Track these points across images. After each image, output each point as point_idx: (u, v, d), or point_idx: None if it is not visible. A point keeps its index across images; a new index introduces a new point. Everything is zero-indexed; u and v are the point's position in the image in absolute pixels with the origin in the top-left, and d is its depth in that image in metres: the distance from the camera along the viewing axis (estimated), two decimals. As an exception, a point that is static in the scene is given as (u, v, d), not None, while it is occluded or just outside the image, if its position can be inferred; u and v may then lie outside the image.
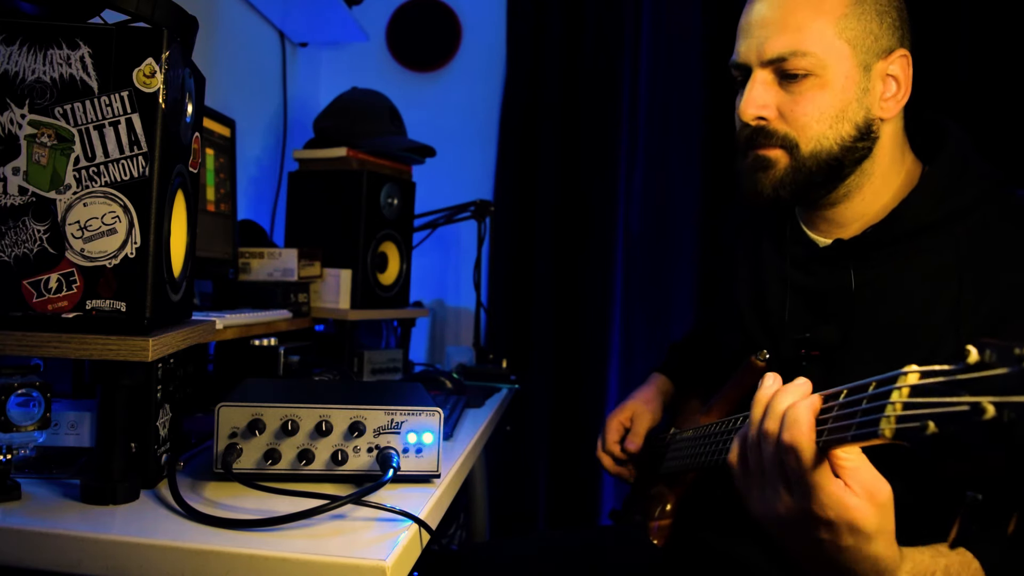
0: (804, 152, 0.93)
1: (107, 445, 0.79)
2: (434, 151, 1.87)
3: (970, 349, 0.47)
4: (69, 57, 0.75)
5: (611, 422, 1.29)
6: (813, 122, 0.92)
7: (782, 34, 0.91)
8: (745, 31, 0.96)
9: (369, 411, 0.88)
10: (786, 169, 0.94)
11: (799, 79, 0.92)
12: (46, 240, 0.75)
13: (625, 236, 2.26)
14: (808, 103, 0.92)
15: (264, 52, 2.19)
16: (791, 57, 0.91)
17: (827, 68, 0.91)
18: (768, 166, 0.95)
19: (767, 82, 0.94)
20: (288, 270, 1.55)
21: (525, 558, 1.23)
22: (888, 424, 0.55)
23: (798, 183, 0.94)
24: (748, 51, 0.95)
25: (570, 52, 2.29)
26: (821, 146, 0.92)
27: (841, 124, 0.92)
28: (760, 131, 0.95)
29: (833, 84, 0.91)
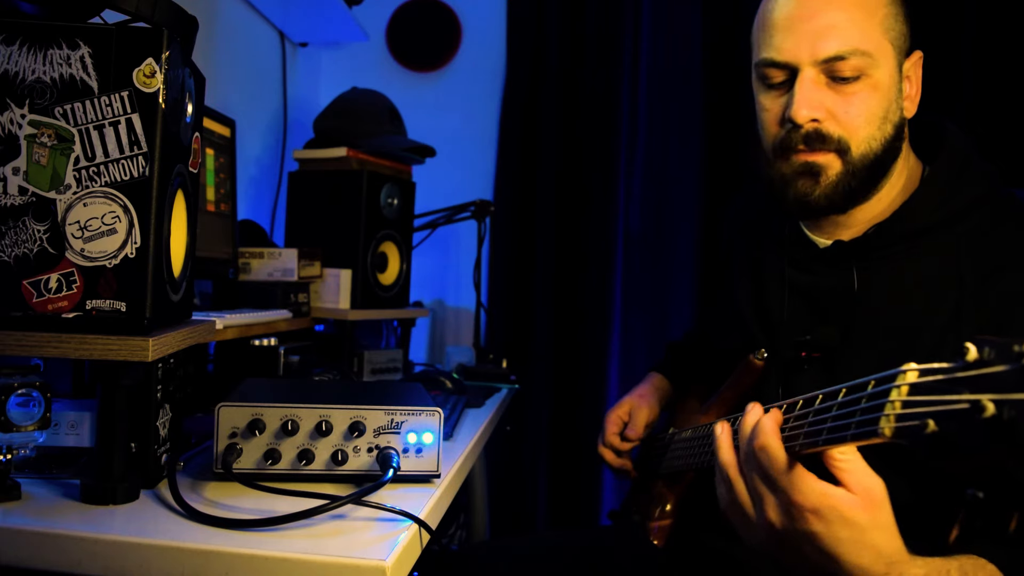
0: (855, 155, 0.90)
1: (107, 445, 0.79)
2: (434, 151, 1.87)
3: (969, 346, 0.46)
4: (69, 57, 0.75)
5: (610, 417, 1.29)
6: (865, 124, 0.89)
7: (839, 31, 0.87)
8: (784, 26, 0.91)
9: (369, 411, 0.88)
10: (839, 175, 0.91)
11: (851, 80, 0.88)
12: (46, 240, 0.75)
13: (625, 236, 2.26)
14: (860, 104, 0.89)
15: (264, 52, 2.19)
16: (851, 56, 0.87)
17: (878, 68, 0.89)
18: (818, 172, 0.91)
19: (818, 82, 0.90)
20: (288, 270, 1.55)
21: (525, 558, 1.23)
22: (888, 423, 0.54)
23: (851, 188, 0.91)
24: (797, 49, 0.89)
25: (570, 52, 2.29)
26: (871, 148, 0.90)
27: (886, 125, 0.90)
28: (813, 134, 0.90)
29: (882, 85, 0.89)
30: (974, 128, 1.88)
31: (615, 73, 2.25)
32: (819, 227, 1.01)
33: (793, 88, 0.91)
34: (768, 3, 0.95)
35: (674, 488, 1.14)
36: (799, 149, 0.91)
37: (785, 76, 0.93)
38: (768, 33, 0.93)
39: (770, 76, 0.94)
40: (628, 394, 1.33)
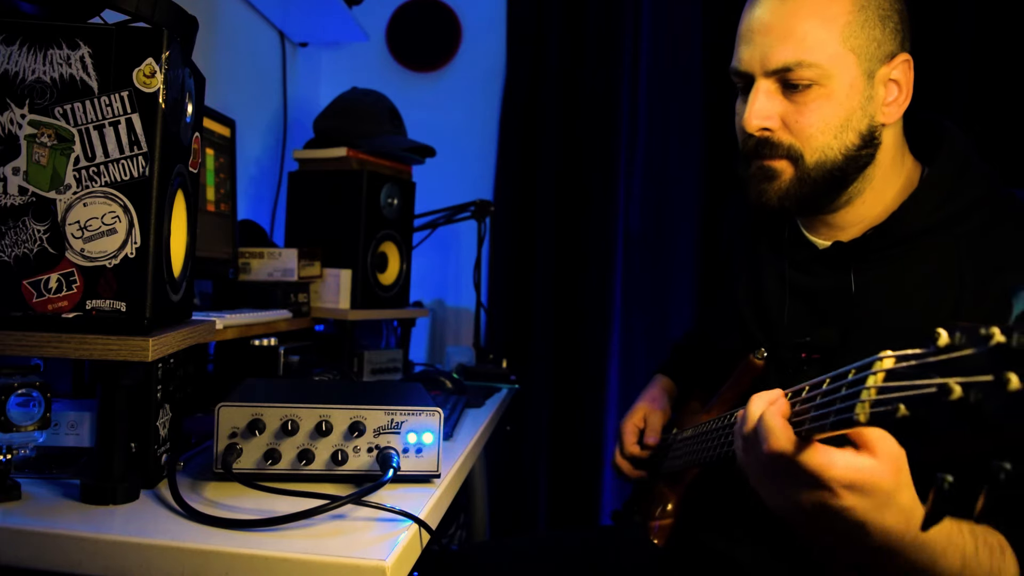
0: (809, 163, 0.92)
1: (107, 445, 0.79)
2: (434, 151, 1.87)
3: (940, 332, 0.47)
4: (69, 57, 0.75)
5: (626, 427, 1.28)
6: (818, 133, 0.91)
7: (786, 43, 0.89)
8: (747, 38, 0.94)
9: (369, 411, 0.88)
10: (791, 180, 0.93)
11: (803, 89, 0.90)
12: (46, 240, 0.75)
13: (625, 236, 2.26)
14: (813, 113, 0.90)
15: (264, 52, 2.19)
16: (796, 68, 0.89)
17: (832, 78, 0.89)
18: (773, 176, 0.94)
19: (770, 91, 0.92)
20: (288, 270, 1.55)
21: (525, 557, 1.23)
22: (863, 409, 0.56)
23: (803, 194, 0.93)
24: (751, 59, 0.93)
25: (570, 52, 2.29)
26: (826, 156, 0.91)
27: (845, 133, 0.91)
28: (764, 142, 0.93)
29: (838, 94, 0.90)
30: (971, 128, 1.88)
31: (615, 73, 2.25)
32: (816, 228, 1.01)
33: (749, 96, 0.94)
34: (743, 10, 0.97)
35: (675, 488, 1.14)
36: (756, 155, 0.95)
37: (746, 84, 0.95)
38: (736, 42, 0.96)
39: (736, 83, 0.98)
40: (640, 399, 1.32)
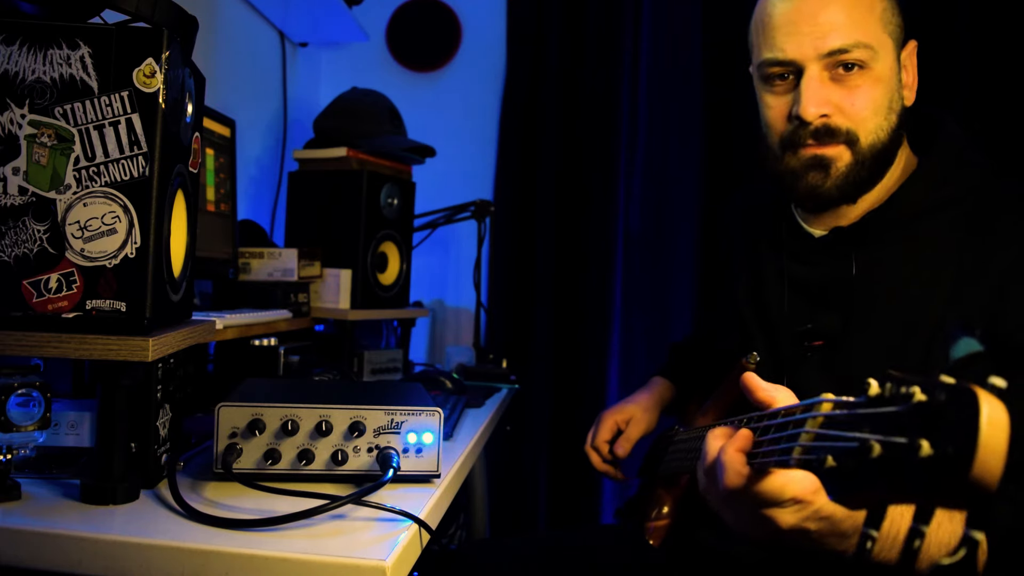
0: (864, 146, 0.93)
1: (107, 445, 0.79)
2: (434, 151, 1.87)
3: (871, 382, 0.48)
4: (69, 57, 0.75)
5: (606, 420, 1.29)
6: (871, 115, 0.92)
7: (841, 27, 0.90)
8: (788, 28, 0.93)
9: (369, 411, 0.88)
10: (848, 165, 0.93)
11: (854, 73, 0.91)
12: (46, 240, 0.75)
13: (625, 236, 2.26)
14: (865, 96, 0.92)
15: (264, 52, 2.19)
16: (854, 49, 0.90)
17: (879, 60, 0.92)
18: (827, 164, 0.93)
19: (823, 79, 0.92)
20: (288, 270, 1.55)
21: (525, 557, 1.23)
22: (797, 453, 0.57)
23: (861, 178, 0.94)
24: (801, 47, 0.92)
25: (570, 52, 2.29)
26: (878, 138, 0.93)
27: (891, 115, 0.94)
28: (823, 129, 0.92)
29: (883, 76, 0.92)
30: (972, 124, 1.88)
31: (615, 73, 2.25)
32: (819, 217, 1.02)
33: (799, 86, 0.93)
34: (765, 5, 0.97)
35: (672, 490, 1.14)
36: (808, 144, 0.94)
37: (789, 75, 0.95)
38: (769, 35, 0.95)
39: (774, 75, 0.96)
40: (631, 400, 1.32)
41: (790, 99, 0.95)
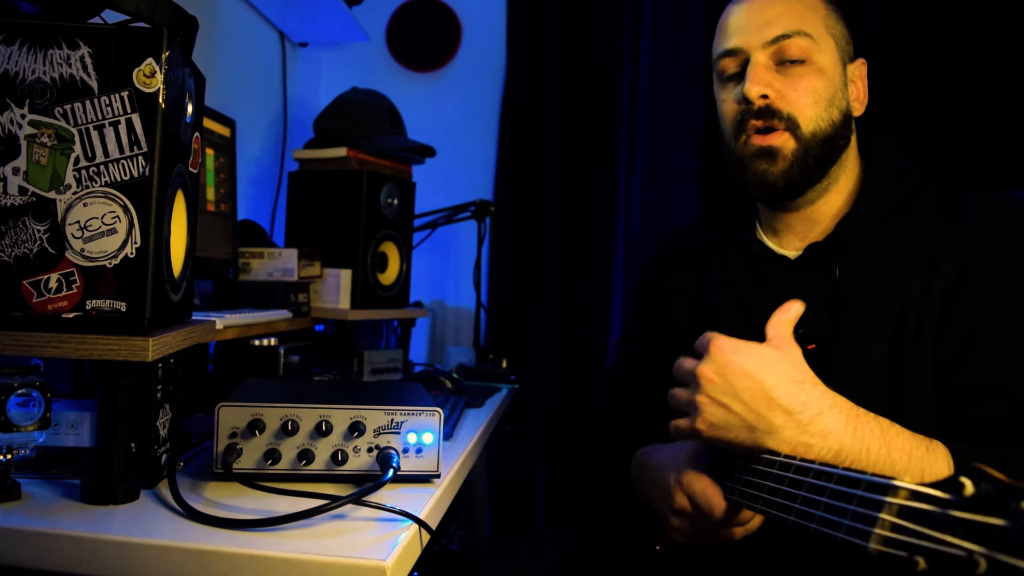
0: (806, 132, 0.97)
1: (107, 445, 0.79)
2: (434, 151, 1.87)
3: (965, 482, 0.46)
4: (69, 57, 0.75)
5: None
6: (811, 103, 0.97)
7: (783, 16, 0.98)
8: (736, 23, 1.01)
9: (369, 411, 0.88)
10: (793, 152, 0.97)
11: (797, 66, 0.97)
12: (46, 240, 0.75)
13: (625, 236, 2.26)
14: (806, 85, 0.97)
15: (264, 52, 2.19)
16: (794, 35, 0.97)
17: (821, 54, 0.98)
18: (774, 153, 0.98)
19: (768, 67, 0.98)
20: (288, 270, 1.55)
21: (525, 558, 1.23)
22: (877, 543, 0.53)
23: (805, 166, 0.98)
24: (747, 36, 0.99)
25: (570, 52, 2.29)
26: (819, 127, 0.97)
27: (832, 109, 0.98)
28: (764, 110, 0.97)
29: (825, 71, 0.98)
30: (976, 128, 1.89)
31: (615, 73, 2.25)
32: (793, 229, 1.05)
33: (745, 74, 0.99)
34: (724, 14, 1.05)
35: None
36: (753, 128, 0.98)
37: (739, 66, 1.01)
38: (723, 35, 1.03)
39: (726, 68, 1.03)
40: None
41: (740, 87, 1.00)
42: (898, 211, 0.98)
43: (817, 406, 0.76)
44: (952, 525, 0.46)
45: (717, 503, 0.82)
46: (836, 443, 0.75)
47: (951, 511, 0.47)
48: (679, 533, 0.90)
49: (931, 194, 0.98)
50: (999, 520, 0.43)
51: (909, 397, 0.90)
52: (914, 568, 0.48)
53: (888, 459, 0.77)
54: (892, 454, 0.77)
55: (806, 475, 0.67)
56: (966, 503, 0.46)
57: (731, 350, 0.78)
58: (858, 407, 0.79)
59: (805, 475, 0.67)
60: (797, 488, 0.68)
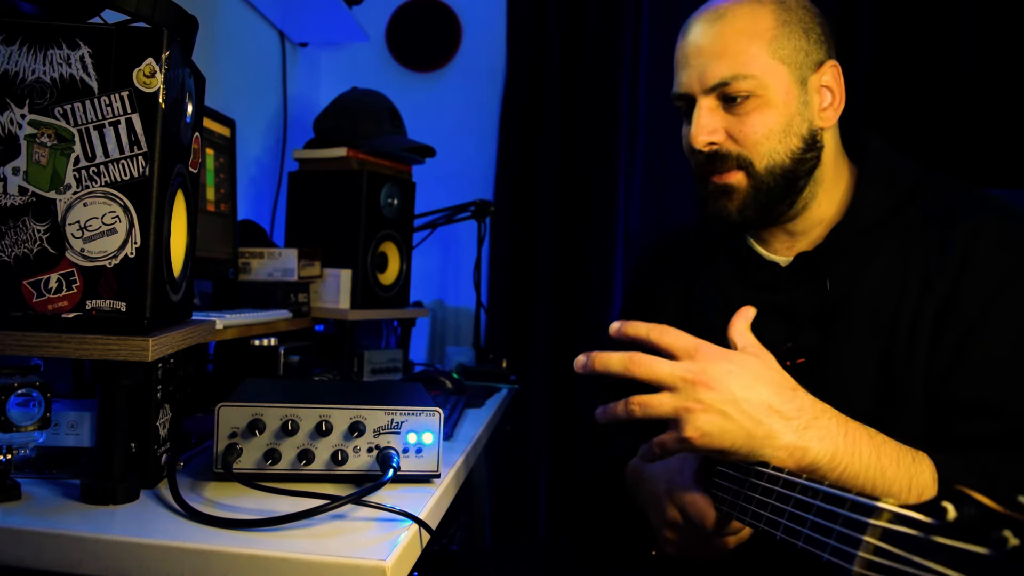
0: (760, 169, 0.95)
1: (107, 445, 0.79)
2: (434, 151, 1.87)
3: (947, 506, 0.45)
4: (69, 57, 0.75)
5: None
6: (763, 139, 0.95)
7: (720, 60, 0.94)
8: (683, 62, 0.98)
9: (369, 411, 0.88)
10: (747, 190, 0.96)
11: (742, 101, 0.94)
12: (46, 240, 0.74)
13: (625, 236, 2.26)
14: (755, 122, 0.94)
15: (264, 52, 2.19)
16: (733, 81, 0.93)
17: (767, 87, 0.94)
18: (730, 192, 0.97)
19: (712, 108, 0.96)
20: (288, 270, 1.55)
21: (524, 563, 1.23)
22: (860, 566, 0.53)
23: (761, 202, 0.97)
24: (690, 81, 0.97)
25: (570, 52, 2.29)
26: (774, 161, 0.95)
27: (789, 138, 0.95)
28: (714, 156, 0.97)
29: (775, 101, 0.94)
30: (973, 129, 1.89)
31: (615, 73, 2.25)
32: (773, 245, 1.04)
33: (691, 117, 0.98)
34: (677, 41, 1.02)
35: None
36: (709, 171, 0.98)
37: (688, 106, 0.99)
38: (675, 69, 1.01)
39: (679, 107, 1.01)
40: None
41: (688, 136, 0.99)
42: (890, 219, 0.96)
43: (812, 411, 0.76)
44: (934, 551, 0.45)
45: (708, 514, 0.82)
46: (831, 446, 0.75)
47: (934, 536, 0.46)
48: (672, 545, 0.90)
49: (924, 201, 0.96)
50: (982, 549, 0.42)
51: (899, 411, 0.89)
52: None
53: (878, 464, 0.77)
54: (882, 459, 0.77)
55: (792, 490, 0.67)
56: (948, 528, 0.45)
57: (724, 358, 0.76)
58: (845, 415, 0.79)
59: (792, 490, 0.67)
60: (784, 503, 0.67)
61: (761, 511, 0.71)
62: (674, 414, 0.75)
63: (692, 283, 1.11)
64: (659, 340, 0.77)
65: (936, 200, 0.95)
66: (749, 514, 0.74)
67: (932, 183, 0.98)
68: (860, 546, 0.53)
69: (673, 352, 0.77)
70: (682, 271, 1.14)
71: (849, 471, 0.75)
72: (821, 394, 0.80)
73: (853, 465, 0.76)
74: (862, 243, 0.96)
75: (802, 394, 0.78)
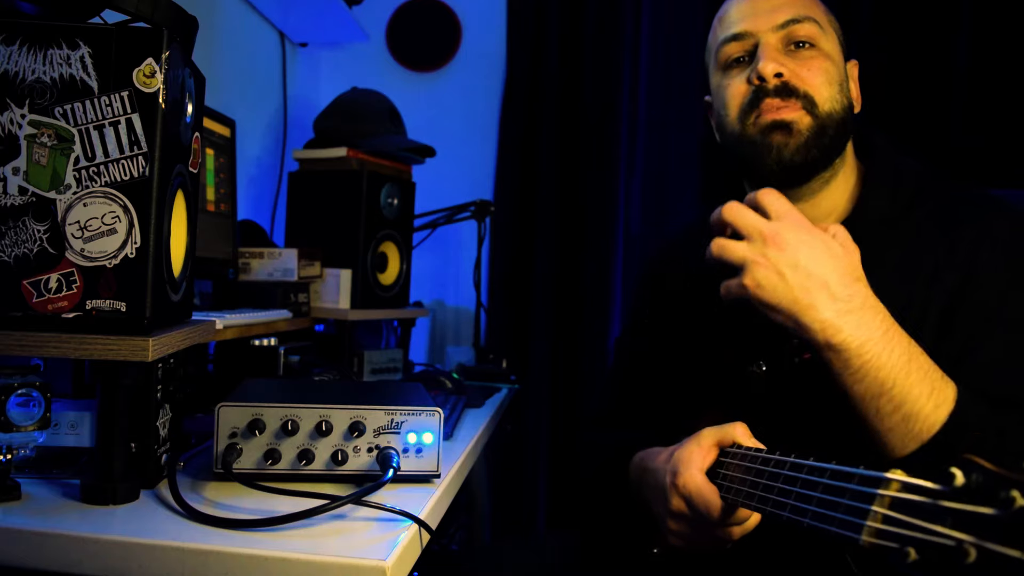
0: (822, 110, 0.96)
1: (107, 445, 0.79)
2: (434, 151, 1.87)
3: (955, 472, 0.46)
4: (69, 57, 0.75)
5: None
6: (825, 83, 0.97)
7: (789, 5, 0.99)
8: (742, 10, 1.02)
9: (369, 411, 0.88)
10: (810, 127, 0.96)
11: (806, 49, 0.98)
12: (46, 240, 0.75)
13: (625, 236, 2.26)
14: (819, 66, 0.97)
15: (264, 52, 2.19)
16: (804, 20, 0.97)
17: (827, 41, 0.99)
18: (788, 126, 0.95)
19: (778, 48, 0.98)
20: (288, 270, 1.55)
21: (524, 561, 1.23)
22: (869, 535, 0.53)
23: (822, 144, 0.96)
24: (756, 20, 0.99)
25: (570, 52, 2.29)
26: (833, 108, 0.97)
27: (841, 94, 0.98)
28: (781, 87, 0.96)
29: (832, 56, 0.99)
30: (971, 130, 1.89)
31: (615, 73, 2.25)
32: None
33: (756, 55, 0.98)
34: (723, 8, 1.06)
35: None
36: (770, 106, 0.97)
37: (745, 51, 1.01)
38: (726, 22, 1.04)
39: (731, 54, 1.02)
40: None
41: (747, 74, 0.99)
42: (897, 216, 0.97)
43: (862, 302, 0.80)
44: (943, 515, 0.46)
45: (714, 502, 0.82)
46: (864, 335, 0.79)
47: (942, 501, 0.47)
48: (677, 536, 0.89)
49: (929, 200, 0.97)
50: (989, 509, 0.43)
51: None
52: (905, 559, 0.48)
53: (906, 368, 0.79)
54: (911, 365, 0.80)
55: (800, 471, 0.67)
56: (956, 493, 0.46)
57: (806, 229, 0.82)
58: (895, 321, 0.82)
59: (799, 471, 0.68)
60: (791, 484, 0.68)
61: (768, 495, 0.72)
62: (741, 261, 0.83)
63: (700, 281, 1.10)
64: (759, 199, 0.85)
65: (942, 200, 0.96)
66: (756, 499, 0.74)
67: (937, 183, 0.99)
68: (868, 516, 0.54)
69: (767, 210, 0.84)
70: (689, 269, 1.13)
71: (874, 363, 0.79)
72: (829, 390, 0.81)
73: (879, 358, 0.79)
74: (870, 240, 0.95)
75: (863, 287, 0.82)
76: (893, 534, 0.51)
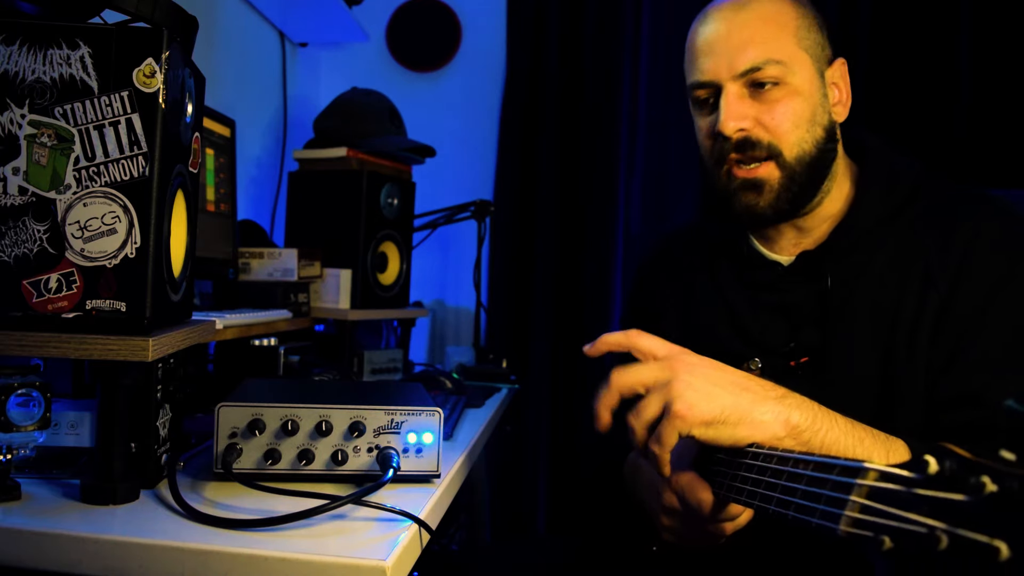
0: (790, 159, 0.95)
1: (107, 445, 0.79)
2: (434, 151, 1.87)
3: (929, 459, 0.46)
4: (69, 57, 0.75)
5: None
6: (792, 127, 0.94)
7: (750, 46, 0.94)
8: (706, 50, 0.97)
9: (369, 411, 0.88)
10: (780, 182, 0.96)
11: (771, 88, 0.94)
12: (46, 240, 0.75)
13: (625, 236, 2.26)
14: (784, 110, 0.94)
15: (264, 52, 2.19)
16: (764, 66, 0.93)
17: (794, 75, 0.95)
18: (760, 185, 0.96)
19: (741, 95, 0.95)
20: (288, 270, 1.55)
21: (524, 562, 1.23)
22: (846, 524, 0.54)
23: (793, 193, 0.96)
24: (717, 67, 0.96)
25: (570, 52, 2.29)
26: (803, 150, 0.95)
27: (814, 128, 0.96)
28: (744, 143, 0.95)
29: (802, 89, 0.95)
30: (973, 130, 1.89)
31: (615, 73, 2.25)
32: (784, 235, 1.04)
33: (719, 104, 0.96)
34: (691, 32, 1.02)
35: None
36: (733, 160, 0.96)
37: (711, 95, 0.98)
38: (693, 58, 1.00)
39: (699, 97, 1.00)
40: None
41: (714, 118, 0.98)
42: (891, 218, 0.96)
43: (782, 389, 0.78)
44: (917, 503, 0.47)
45: (705, 497, 0.82)
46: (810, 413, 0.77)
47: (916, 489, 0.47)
48: (670, 532, 0.90)
49: (924, 201, 0.96)
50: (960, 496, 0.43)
51: (900, 410, 0.90)
52: (880, 547, 0.48)
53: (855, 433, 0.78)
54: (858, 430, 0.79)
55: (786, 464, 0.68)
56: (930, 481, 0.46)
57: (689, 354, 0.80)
58: None
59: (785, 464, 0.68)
60: (778, 478, 0.69)
61: (756, 489, 0.72)
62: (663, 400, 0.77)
63: (693, 285, 1.12)
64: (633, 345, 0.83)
65: (937, 200, 0.96)
66: (745, 493, 0.75)
67: (932, 183, 0.98)
68: (846, 506, 0.54)
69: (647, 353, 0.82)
70: (683, 273, 1.14)
71: (831, 435, 0.77)
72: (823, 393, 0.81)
73: (833, 430, 0.77)
74: (864, 241, 0.96)
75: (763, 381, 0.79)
76: (869, 523, 0.51)
